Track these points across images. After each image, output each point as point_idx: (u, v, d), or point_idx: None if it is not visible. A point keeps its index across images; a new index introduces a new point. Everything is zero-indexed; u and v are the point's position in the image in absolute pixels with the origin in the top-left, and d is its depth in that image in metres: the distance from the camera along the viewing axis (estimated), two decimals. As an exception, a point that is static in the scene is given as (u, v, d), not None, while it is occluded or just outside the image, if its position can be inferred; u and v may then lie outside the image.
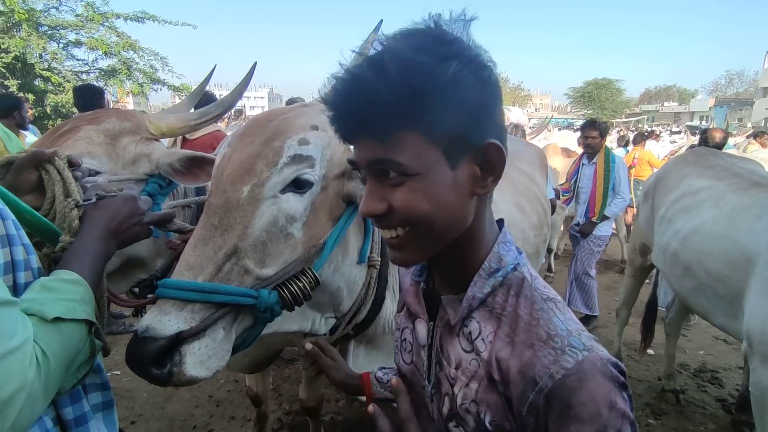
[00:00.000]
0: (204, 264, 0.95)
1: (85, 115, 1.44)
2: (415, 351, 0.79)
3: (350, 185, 1.17)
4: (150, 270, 1.54)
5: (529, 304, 0.65)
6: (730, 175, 2.62)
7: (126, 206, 0.95)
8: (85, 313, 0.77)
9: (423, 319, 0.76)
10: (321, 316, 1.32)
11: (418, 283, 0.78)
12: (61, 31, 8.93)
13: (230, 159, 1.05)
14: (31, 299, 0.73)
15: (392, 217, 0.62)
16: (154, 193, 1.41)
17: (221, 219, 0.99)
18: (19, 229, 0.79)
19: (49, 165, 0.96)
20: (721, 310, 2.30)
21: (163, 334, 0.88)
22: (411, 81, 0.56)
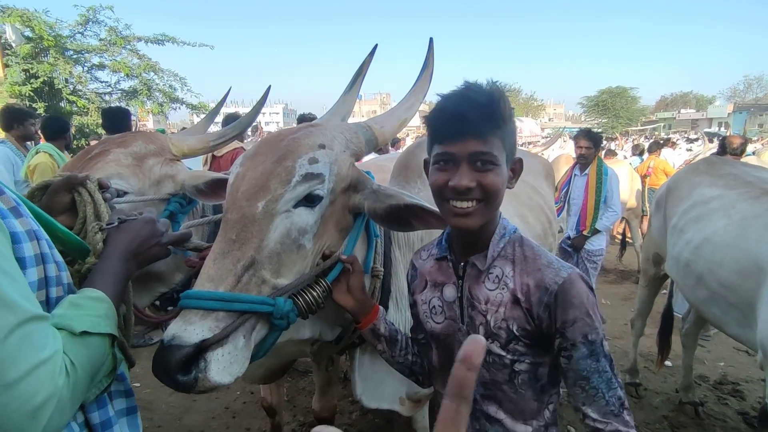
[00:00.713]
0: (224, 275, 1.01)
1: (114, 138, 1.55)
2: (446, 308, 1.09)
3: (356, 198, 1.24)
4: (170, 284, 1.62)
5: (529, 249, 1.03)
6: (741, 183, 2.60)
7: (145, 229, 1.02)
8: (109, 327, 0.84)
9: (450, 282, 1.08)
10: (328, 324, 1.38)
11: (444, 259, 1.10)
12: (86, 54, 9.34)
13: (244, 177, 1.12)
14: (61, 314, 0.80)
15: (474, 191, 0.94)
16: (176, 212, 1.50)
17: (239, 233, 1.05)
18: (52, 248, 0.86)
19: (81, 188, 1.06)
20: (735, 320, 2.28)
21: (189, 342, 0.93)
22: (502, 105, 0.95)
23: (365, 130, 1.32)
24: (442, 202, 0.99)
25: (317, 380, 2.37)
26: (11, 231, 0.75)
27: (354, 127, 1.32)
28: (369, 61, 1.51)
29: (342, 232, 1.23)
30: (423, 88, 1.44)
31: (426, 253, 1.19)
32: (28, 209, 0.85)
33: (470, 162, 0.94)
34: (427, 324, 1.12)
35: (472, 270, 1.04)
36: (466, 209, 0.95)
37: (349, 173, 1.22)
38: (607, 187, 3.98)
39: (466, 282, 1.05)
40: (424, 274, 1.16)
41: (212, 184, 1.51)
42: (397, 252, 1.54)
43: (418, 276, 1.17)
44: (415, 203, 1.17)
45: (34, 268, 0.79)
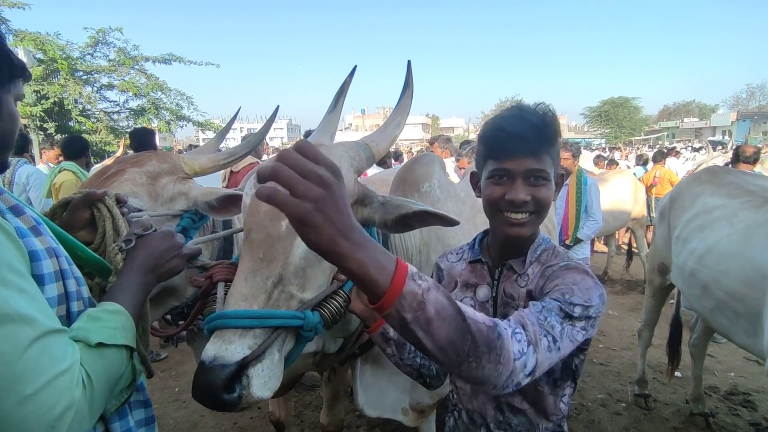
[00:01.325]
0: (256, 293, 1.06)
1: (129, 157, 1.61)
2: (478, 308, 1.13)
3: (365, 211, 1.30)
4: (181, 298, 1.65)
5: (559, 256, 1.11)
6: (743, 192, 2.62)
7: (164, 242, 1.06)
8: (126, 339, 0.87)
9: (484, 283, 1.16)
10: (331, 336, 1.41)
11: (478, 262, 1.19)
12: (95, 75, 9.55)
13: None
14: (78, 328, 0.83)
15: (529, 204, 1.03)
16: (188, 227, 1.55)
17: (266, 252, 1.10)
18: (71, 264, 0.90)
19: (100, 204, 1.10)
20: (742, 329, 2.28)
21: (231, 361, 0.96)
22: (554, 126, 1.06)
23: (365, 148, 1.38)
24: (496, 213, 1.08)
25: (325, 394, 2.38)
26: (30, 249, 0.78)
27: (355, 145, 1.38)
28: (349, 81, 1.60)
29: None
30: (406, 106, 1.52)
31: (455, 256, 1.27)
32: (49, 229, 0.89)
33: (525, 177, 1.03)
34: None
35: (509, 272, 1.13)
36: (521, 220, 1.05)
37: (356, 189, 1.28)
38: (587, 197, 4.05)
39: (501, 283, 1.14)
40: (453, 276, 1.23)
41: (224, 200, 1.56)
42: None
43: (446, 277, 1.25)
44: (423, 209, 1.25)
45: (53, 284, 0.82)
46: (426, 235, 1.67)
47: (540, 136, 1.02)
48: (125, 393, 0.90)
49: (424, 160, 1.82)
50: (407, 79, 1.52)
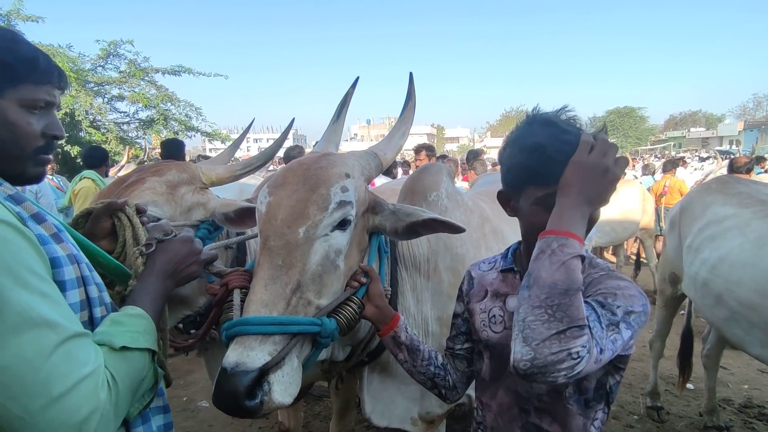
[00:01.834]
0: (276, 300, 1.07)
1: (149, 167, 1.64)
2: (508, 319, 1.11)
3: (376, 219, 1.34)
4: (193, 307, 1.66)
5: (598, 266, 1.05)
6: (754, 202, 2.61)
7: (183, 248, 1.08)
8: (148, 342, 0.89)
9: (514, 293, 1.11)
10: (340, 344, 1.42)
11: (510, 271, 1.16)
12: (106, 86, 9.70)
13: (280, 206, 1.18)
14: (102, 332, 0.84)
15: None
16: (204, 238, 1.57)
17: (284, 258, 1.12)
18: (92, 271, 0.92)
19: (120, 213, 1.12)
20: (757, 340, 2.25)
21: (253, 367, 0.97)
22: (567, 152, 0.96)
23: (373, 157, 1.41)
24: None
25: (335, 404, 2.37)
26: (52, 256, 0.80)
27: (365, 154, 1.41)
28: (351, 92, 1.64)
29: (361, 252, 1.32)
30: (410, 117, 1.56)
31: (487, 265, 1.25)
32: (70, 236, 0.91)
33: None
34: (484, 333, 1.16)
35: None
36: None
37: (366, 197, 1.32)
38: None
39: None
40: (484, 284, 1.21)
41: (241, 212, 1.58)
42: (404, 272, 1.60)
43: (477, 285, 1.23)
44: (432, 217, 1.28)
45: (75, 290, 0.84)
46: (434, 244, 1.68)
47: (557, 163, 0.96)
48: (147, 396, 0.91)
49: (432, 169, 1.84)
50: (410, 91, 1.56)
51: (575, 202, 0.89)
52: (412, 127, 1.60)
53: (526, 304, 0.83)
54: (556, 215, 0.90)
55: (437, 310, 1.65)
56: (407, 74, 1.58)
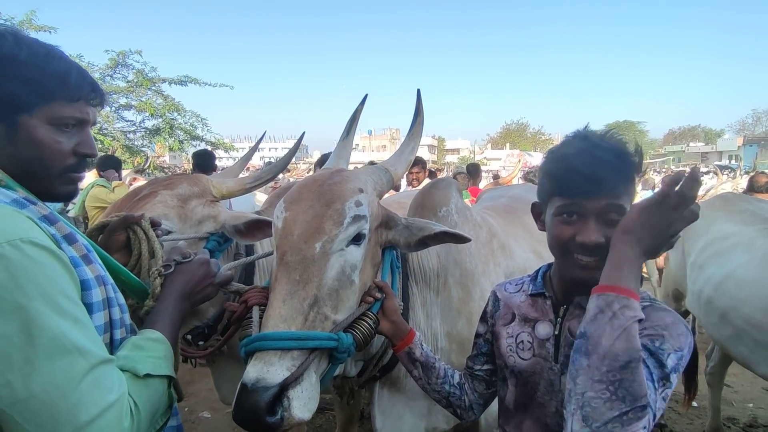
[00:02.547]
0: (294, 315, 1.08)
1: (161, 180, 1.66)
2: (537, 346, 1.07)
3: (389, 234, 1.36)
4: (203, 318, 1.67)
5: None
6: (759, 220, 2.62)
7: (200, 270, 1.09)
8: (168, 369, 0.89)
9: (545, 320, 1.07)
10: (352, 359, 1.43)
11: (541, 296, 1.10)
12: (114, 96, 9.78)
13: (296, 221, 1.19)
14: (125, 356, 0.84)
15: (603, 248, 0.89)
16: (214, 250, 1.58)
17: (302, 273, 1.12)
18: (116, 291, 0.92)
19: (136, 226, 1.14)
20: (763, 359, 2.24)
21: (273, 383, 0.98)
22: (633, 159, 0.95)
23: (385, 172, 1.43)
24: (566, 255, 0.98)
25: (339, 417, 2.36)
26: (82, 279, 0.81)
27: (377, 170, 1.43)
28: (361, 109, 1.67)
29: (375, 266, 1.34)
30: (418, 132, 1.59)
31: (514, 287, 1.20)
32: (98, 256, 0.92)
33: (599, 217, 0.93)
34: (510, 358, 1.11)
35: (575, 310, 1.03)
36: (593, 263, 0.93)
37: (380, 212, 1.33)
38: None
39: (566, 321, 1.04)
40: (511, 307, 1.16)
41: (251, 224, 1.60)
42: (414, 287, 1.61)
43: (503, 308, 1.18)
44: (444, 230, 1.31)
45: (101, 312, 0.84)
46: (444, 259, 1.69)
47: (619, 175, 0.93)
48: (162, 419, 0.91)
49: (442, 184, 1.86)
50: (418, 107, 1.58)
51: (636, 253, 0.82)
52: None
53: (585, 375, 0.76)
54: (614, 267, 0.82)
55: (447, 325, 1.66)
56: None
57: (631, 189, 0.96)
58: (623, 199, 0.94)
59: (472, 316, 1.65)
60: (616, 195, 0.93)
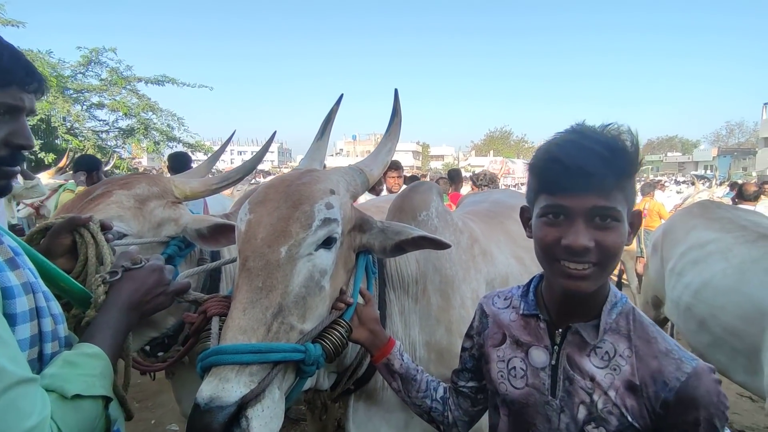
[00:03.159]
0: (255, 326, 0.98)
1: (117, 179, 1.54)
2: (531, 375, 0.96)
3: (363, 237, 1.28)
4: (161, 329, 1.56)
5: (644, 326, 0.90)
6: (736, 227, 2.64)
7: (151, 278, 0.99)
8: (104, 389, 0.79)
9: (539, 345, 0.95)
10: (325, 371, 1.34)
11: (534, 317, 0.98)
12: (86, 94, 9.50)
13: (260, 224, 1.11)
14: (53, 374, 0.75)
15: (591, 253, 0.82)
16: (174, 255, 1.47)
17: (265, 280, 1.03)
18: (49, 300, 0.82)
19: (83, 229, 1.03)
20: (741, 367, 2.24)
21: (229, 401, 0.89)
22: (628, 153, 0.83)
23: (359, 173, 1.37)
24: (552, 262, 0.87)
25: (311, 429, 2.26)
26: (4, 286, 0.72)
27: (350, 171, 1.36)
28: (336, 109, 1.62)
29: (348, 271, 1.27)
30: (396, 133, 1.54)
31: (503, 302, 1.08)
32: (28, 258, 0.82)
33: (588, 218, 0.82)
34: (501, 386, 1.00)
35: (574, 338, 0.91)
36: (581, 272, 0.83)
37: (353, 215, 1.27)
38: None
39: (564, 350, 0.92)
40: (501, 326, 1.04)
41: (214, 229, 1.49)
42: (392, 294, 1.54)
43: (492, 325, 1.06)
44: (422, 235, 1.24)
45: (27, 324, 0.75)
46: (423, 265, 1.63)
47: (608, 168, 0.81)
48: None
49: (422, 188, 1.80)
50: (395, 107, 1.53)
51: None
52: (397, 144, 1.58)
53: None
54: None
55: (425, 334, 1.59)
56: (393, 90, 1.56)
57: (627, 190, 0.84)
58: (616, 201, 0.82)
59: (452, 325, 1.59)
60: (605, 193, 0.81)
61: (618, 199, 0.82)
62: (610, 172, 0.81)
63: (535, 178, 0.91)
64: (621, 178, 0.82)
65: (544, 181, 0.88)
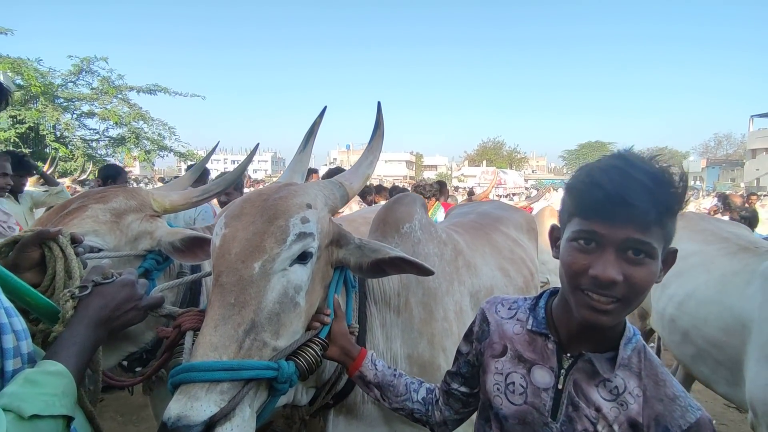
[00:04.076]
0: (227, 343, 0.97)
1: (94, 192, 1.52)
2: (531, 393, 0.93)
3: (340, 253, 1.27)
4: (139, 343, 1.53)
5: (654, 366, 0.89)
6: (718, 239, 2.67)
7: (122, 293, 0.97)
8: (65, 408, 0.77)
9: (545, 366, 0.93)
10: (303, 386, 1.33)
11: (542, 336, 0.95)
12: (76, 102, 9.48)
13: (235, 239, 1.10)
14: (11, 393, 0.73)
15: (618, 287, 0.79)
16: (151, 269, 1.45)
17: (237, 296, 1.02)
18: (12, 316, 0.80)
19: (52, 243, 1.02)
20: (723, 378, 2.25)
21: (197, 421, 0.87)
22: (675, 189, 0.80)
23: (339, 187, 1.36)
24: (575, 290, 0.83)
25: None
26: None
27: (329, 184, 1.36)
28: (319, 121, 1.61)
29: (325, 287, 1.25)
30: (378, 146, 1.53)
31: (507, 311, 1.04)
32: None
33: (620, 250, 0.79)
34: (497, 399, 0.98)
35: (585, 366, 0.89)
36: (604, 306, 0.80)
37: (331, 229, 1.25)
38: None
39: (571, 375, 0.90)
40: (503, 337, 1.01)
41: (189, 242, 1.47)
42: (373, 307, 1.53)
43: (493, 335, 1.03)
44: (399, 256, 1.21)
45: None
46: (405, 277, 1.62)
47: (651, 201, 0.77)
48: None
49: (405, 200, 1.80)
50: (378, 120, 1.53)
51: None
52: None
53: None
54: None
55: (407, 347, 1.58)
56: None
57: (668, 227, 0.81)
58: (653, 236, 0.78)
59: (434, 338, 1.58)
60: (644, 227, 0.77)
61: (656, 235, 0.79)
62: (652, 206, 0.77)
63: (571, 200, 0.87)
64: (663, 214, 0.78)
65: (581, 204, 0.84)
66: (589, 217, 0.81)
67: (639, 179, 0.78)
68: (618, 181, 0.79)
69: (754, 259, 2.32)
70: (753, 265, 2.27)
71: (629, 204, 0.77)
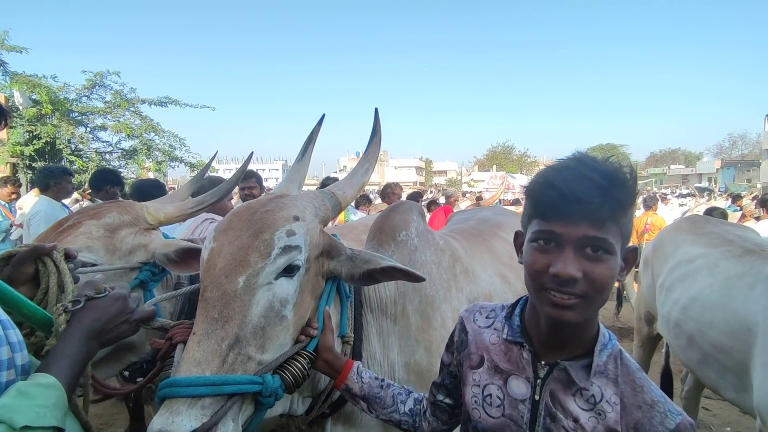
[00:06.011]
0: (210, 358, 0.98)
1: (88, 209, 1.56)
2: (508, 405, 0.93)
3: (331, 264, 1.27)
4: (140, 353, 1.57)
5: (631, 372, 0.88)
6: (723, 242, 2.63)
7: (114, 306, 1.00)
8: (55, 419, 0.80)
9: (520, 376, 0.92)
10: (299, 396, 1.33)
11: (517, 345, 0.94)
12: (90, 116, 9.71)
13: (220, 253, 1.10)
14: (3, 405, 0.75)
15: (579, 284, 0.80)
16: (147, 280, 1.49)
17: (221, 311, 1.03)
18: (8, 329, 0.83)
19: (46, 258, 1.05)
20: (731, 384, 2.21)
21: None
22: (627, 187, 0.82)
23: (330, 197, 1.36)
24: (539, 290, 0.85)
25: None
26: None
27: (320, 194, 1.36)
28: (317, 129, 1.62)
29: (316, 298, 1.25)
30: (374, 153, 1.52)
31: (485, 319, 1.04)
32: None
33: (578, 247, 0.81)
34: (475, 412, 0.97)
35: (561, 375, 0.89)
36: (566, 301, 0.81)
37: (321, 240, 1.25)
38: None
39: (547, 385, 0.90)
40: (480, 347, 1.00)
41: (183, 253, 1.50)
42: (369, 315, 1.53)
43: (471, 345, 1.02)
44: (391, 265, 1.21)
45: None
46: (402, 285, 1.62)
47: (604, 198, 0.79)
48: None
49: (402, 208, 1.80)
50: (375, 127, 1.53)
51: None
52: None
53: None
54: None
55: (404, 355, 1.57)
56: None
57: (622, 223, 0.82)
58: (609, 233, 0.80)
59: (432, 345, 1.57)
60: (598, 223, 0.79)
61: (611, 231, 0.81)
62: (605, 202, 0.79)
63: (530, 202, 0.89)
64: (616, 210, 0.81)
65: (538, 205, 0.86)
66: (546, 217, 0.84)
67: (592, 177, 0.81)
68: (571, 180, 0.81)
69: (760, 261, 2.27)
70: (758, 267, 2.23)
71: (583, 201, 0.79)
